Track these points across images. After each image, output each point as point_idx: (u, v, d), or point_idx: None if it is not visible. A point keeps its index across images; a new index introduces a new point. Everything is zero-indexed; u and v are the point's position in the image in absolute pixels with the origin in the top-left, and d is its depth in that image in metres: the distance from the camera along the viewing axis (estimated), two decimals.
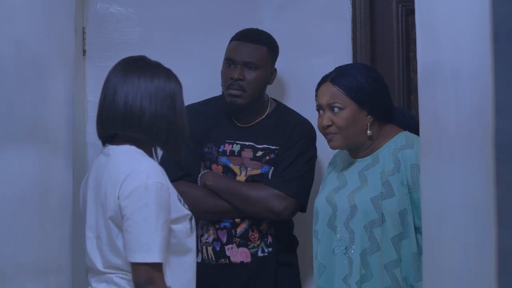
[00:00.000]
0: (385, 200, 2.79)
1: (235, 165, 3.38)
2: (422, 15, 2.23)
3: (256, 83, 3.33)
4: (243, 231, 3.36)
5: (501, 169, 1.56)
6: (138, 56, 2.70)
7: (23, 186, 2.28)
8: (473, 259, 1.76)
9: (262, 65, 3.35)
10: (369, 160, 2.89)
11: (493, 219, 1.57)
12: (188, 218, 2.63)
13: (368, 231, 2.78)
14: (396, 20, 3.76)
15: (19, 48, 2.24)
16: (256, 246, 3.37)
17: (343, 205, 2.85)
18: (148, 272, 2.48)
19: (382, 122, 2.92)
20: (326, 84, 2.92)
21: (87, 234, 2.63)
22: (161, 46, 3.69)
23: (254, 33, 3.43)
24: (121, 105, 2.58)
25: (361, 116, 2.87)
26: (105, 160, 2.62)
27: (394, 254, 2.78)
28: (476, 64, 1.69)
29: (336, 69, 2.95)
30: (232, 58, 3.34)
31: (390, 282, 2.78)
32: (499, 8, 1.56)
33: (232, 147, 3.39)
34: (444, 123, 1.98)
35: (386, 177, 2.82)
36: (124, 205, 2.50)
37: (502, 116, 1.56)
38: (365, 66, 2.99)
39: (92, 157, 3.64)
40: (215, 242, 3.38)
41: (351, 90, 2.86)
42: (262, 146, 3.38)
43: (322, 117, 2.91)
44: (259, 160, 3.37)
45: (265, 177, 3.37)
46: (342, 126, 2.86)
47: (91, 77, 3.73)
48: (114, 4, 3.79)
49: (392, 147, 2.86)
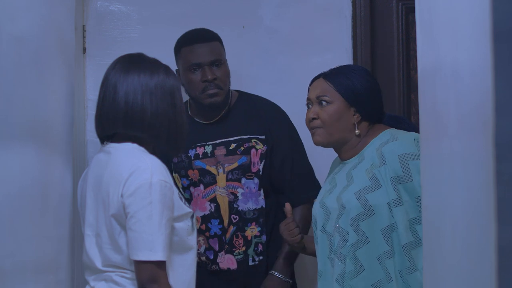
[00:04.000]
0: (372, 193, 2.79)
1: (211, 165, 3.36)
2: (422, 14, 2.23)
3: (226, 77, 3.35)
4: (230, 237, 3.36)
5: (501, 167, 1.56)
6: (136, 53, 2.70)
7: (23, 184, 2.28)
8: (473, 258, 1.76)
9: (223, 59, 3.37)
10: (355, 160, 2.90)
11: (493, 217, 1.57)
12: (190, 216, 2.63)
13: (354, 225, 2.78)
14: (396, 19, 3.76)
15: (19, 45, 2.23)
16: (241, 253, 3.35)
17: (333, 206, 2.86)
18: (152, 270, 2.48)
19: (371, 123, 2.92)
20: (319, 79, 2.94)
21: (86, 232, 2.62)
22: (161, 44, 3.68)
23: (201, 32, 3.41)
24: (121, 103, 2.57)
25: (347, 114, 2.88)
26: (106, 158, 2.61)
27: (385, 245, 2.77)
28: (476, 63, 1.69)
29: (332, 68, 2.97)
30: (198, 62, 3.32)
31: (383, 274, 2.77)
32: (499, 6, 1.56)
33: (204, 149, 3.37)
34: (444, 121, 1.98)
35: (372, 170, 2.81)
36: (128, 203, 2.50)
37: (502, 114, 1.56)
38: (362, 69, 3.00)
39: (92, 155, 3.63)
40: (208, 252, 3.37)
41: (341, 86, 2.87)
42: (234, 138, 3.37)
43: (309, 111, 2.93)
44: (233, 153, 3.36)
45: (245, 168, 3.35)
46: (326, 120, 2.87)
47: (91, 75, 3.73)
48: (114, 2, 3.79)
49: (377, 144, 2.86)
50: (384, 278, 2.77)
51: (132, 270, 2.54)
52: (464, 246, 1.84)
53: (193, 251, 2.65)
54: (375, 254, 2.78)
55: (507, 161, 1.55)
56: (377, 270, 2.78)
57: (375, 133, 2.90)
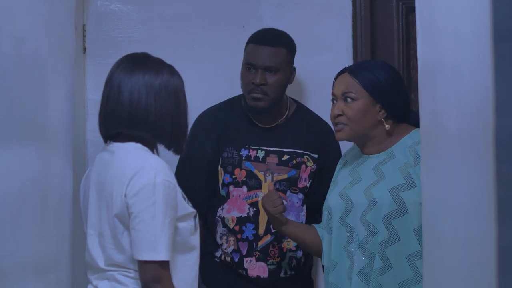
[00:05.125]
0: (407, 191, 2.78)
1: (260, 171, 3.35)
2: (422, 13, 2.22)
3: (278, 86, 3.31)
4: (264, 245, 3.33)
5: (501, 167, 1.55)
6: (141, 53, 2.69)
7: (23, 184, 2.28)
8: (473, 258, 1.76)
9: (282, 67, 3.32)
10: (383, 156, 2.88)
11: (493, 217, 1.57)
12: (193, 216, 2.63)
13: (386, 222, 2.78)
14: (397, 18, 3.76)
15: (19, 45, 2.23)
16: (275, 263, 3.33)
17: (359, 199, 2.84)
18: (155, 270, 2.48)
19: (396, 120, 2.91)
20: (344, 74, 2.91)
21: (89, 231, 2.62)
22: (161, 44, 3.68)
23: (271, 34, 3.39)
24: (126, 103, 2.57)
25: (373, 110, 2.86)
26: (109, 157, 2.61)
27: (417, 245, 2.76)
28: (476, 62, 1.69)
29: (357, 63, 2.94)
30: (253, 63, 3.30)
31: (411, 274, 2.76)
32: (500, 6, 1.56)
33: (256, 153, 3.36)
34: (444, 121, 1.98)
35: (406, 169, 2.81)
36: (131, 203, 2.50)
37: (502, 114, 1.56)
38: (387, 65, 2.97)
39: (93, 154, 3.64)
40: (234, 253, 3.35)
41: (367, 83, 2.85)
42: (288, 150, 3.36)
43: (334, 107, 2.91)
44: (285, 164, 3.35)
45: (292, 181, 3.34)
46: (351, 117, 2.85)
47: (91, 74, 3.73)
48: (115, 2, 3.79)
49: (408, 143, 2.86)
50: (412, 278, 2.76)
51: (135, 269, 2.54)
52: (464, 246, 1.84)
53: (195, 251, 2.65)
54: (405, 253, 2.77)
55: (507, 161, 1.55)
56: (405, 269, 2.77)
57: (404, 131, 2.90)
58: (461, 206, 1.85)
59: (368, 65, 2.92)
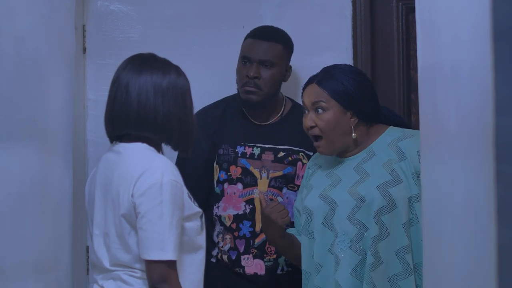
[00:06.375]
0: (394, 187, 2.81)
1: (255, 168, 3.35)
2: (422, 13, 2.22)
3: (271, 81, 3.33)
4: (261, 242, 3.33)
5: (502, 167, 1.55)
6: (148, 53, 2.68)
7: (23, 184, 2.28)
8: (473, 258, 1.76)
9: (277, 62, 3.34)
10: (363, 155, 2.91)
11: (493, 217, 1.56)
12: (199, 216, 2.63)
13: (376, 218, 2.79)
14: (397, 18, 3.76)
15: (19, 45, 2.24)
16: (272, 260, 3.34)
17: (344, 199, 2.85)
18: (162, 270, 2.49)
19: (369, 123, 2.93)
20: (312, 85, 2.94)
21: (94, 232, 2.62)
22: (161, 44, 3.68)
23: (269, 30, 3.41)
24: (134, 104, 2.57)
25: (344, 118, 2.89)
26: (116, 157, 2.61)
27: (406, 240, 2.79)
28: (476, 63, 1.69)
29: (322, 71, 2.96)
30: (248, 56, 3.33)
31: (400, 268, 2.78)
32: (500, 6, 1.56)
33: (252, 150, 3.37)
34: (444, 121, 1.98)
35: (391, 165, 2.83)
36: (138, 203, 2.50)
37: (502, 114, 1.56)
38: (352, 68, 3.00)
39: (93, 155, 3.65)
40: (231, 251, 3.35)
41: (335, 93, 2.88)
42: (284, 147, 3.37)
43: (306, 118, 2.93)
44: (281, 161, 3.36)
45: (288, 178, 3.35)
46: (324, 129, 2.88)
47: (91, 75, 3.73)
48: (115, 2, 3.79)
49: (387, 140, 2.89)
50: (401, 272, 2.78)
51: (141, 269, 2.55)
52: (464, 246, 1.84)
53: (202, 250, 2.66)
54: (393, 248, 2.80)
55: (507, 161, 1.55)
56: (395, 264, 2.80)
57: (379, 130, 2.94)
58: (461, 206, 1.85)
59: (334, 73, 2.93)
